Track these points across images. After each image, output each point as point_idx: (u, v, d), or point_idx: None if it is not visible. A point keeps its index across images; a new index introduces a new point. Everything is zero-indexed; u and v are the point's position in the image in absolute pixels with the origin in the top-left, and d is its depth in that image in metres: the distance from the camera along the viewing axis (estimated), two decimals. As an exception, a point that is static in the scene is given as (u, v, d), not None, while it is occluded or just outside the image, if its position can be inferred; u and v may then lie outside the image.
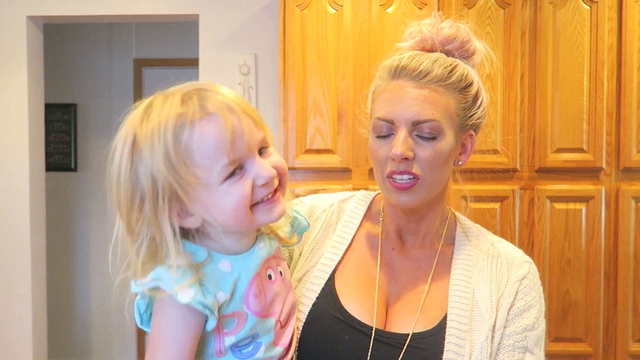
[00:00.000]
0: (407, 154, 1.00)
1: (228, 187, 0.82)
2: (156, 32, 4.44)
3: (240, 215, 0.83)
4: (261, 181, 0.83)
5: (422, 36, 1.09)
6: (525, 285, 1.06)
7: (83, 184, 4.53)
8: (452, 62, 1.05)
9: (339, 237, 1.14)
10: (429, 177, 1.03)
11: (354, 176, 2.71)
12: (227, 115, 0.81)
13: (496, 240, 1.14)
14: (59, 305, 4.42)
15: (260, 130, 0.85)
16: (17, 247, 3.35)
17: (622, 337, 2.65)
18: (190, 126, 0.80)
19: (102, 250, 4.55)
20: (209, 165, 0.80)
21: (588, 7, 2.64)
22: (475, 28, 1.12)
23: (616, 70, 2.64)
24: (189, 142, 0.80)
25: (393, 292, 1.08)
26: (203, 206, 0.83)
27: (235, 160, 0.81)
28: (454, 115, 1.04)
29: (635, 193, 2.63)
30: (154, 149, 0.81)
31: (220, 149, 0.80)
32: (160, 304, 0.84)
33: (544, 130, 2.66)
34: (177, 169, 0.80)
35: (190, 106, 0.81)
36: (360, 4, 2.71)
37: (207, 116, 0.80)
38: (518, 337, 1.02)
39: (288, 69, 2.73)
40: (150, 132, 0.81)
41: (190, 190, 0.82)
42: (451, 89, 1.03)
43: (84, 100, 4.51)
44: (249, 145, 0.82)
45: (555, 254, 2.66)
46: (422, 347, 1.00)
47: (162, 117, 0.81)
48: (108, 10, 3.28)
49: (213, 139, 0.80)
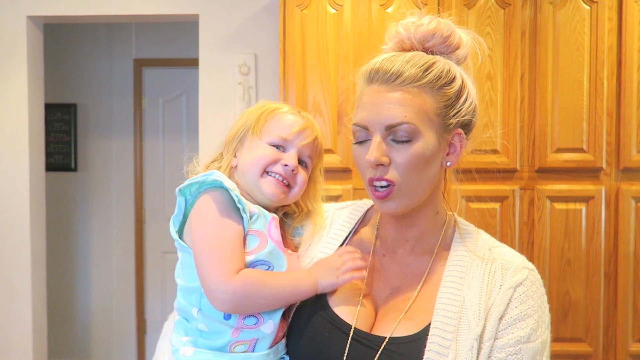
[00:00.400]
0: (381, 160, 0.99)
1: (266, 148, 1.12)
2: (156, 32, 4.44)
3: (255, 169, 1.11)
4: (284, 162, 1.11)
5: (399, 37, 1.08)
6: (521, 293, 1.00)
7: (83, 184, 4.54)
8: (429, 60, 1.02)
9: (332, 239, 1.15)
10: (406, 181, 1.00)
11: (354, 176, 2.71)
12: (308, 123, 1.16)
13: (496, 245, 1.09)
14: (59, 305, 4.43)
15: (311, 154, 1.16)
16: (17, 247, 3.35)
17: (622, 337, 2.65)
18: (287, 112, 1.16)
19: (102, 250, 4.55)
20: (275, 130, 1.13)
21: (588, 7, 2.64)
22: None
23: (616, 70, 2.64)
24: (279, 115, 1.15)
25: (383, 297, 1.07)
26: (248, 150, 1.13)
27: (286, 140, 1.13)
28: (432, 115, 1.00)
29: (635, 193, 2.63)
30: (260, 109, 1.16)
31: (287, 129, 1.13)
32: (203, 211, 1.05)
33: (544, 130, 2.66)
34: (260, 120, 1.13)
35: (295, 109, 1.18)
36: (360, 4, 2.71)
37: (300, 117, 1.16)
38: (511, 349, 0.96)
39: (288, 69, 2.73)
40: (264, 103, 1.18)
41: (254, 136, 1.13)
42: (427, 88, 1.00)
43: (84, 100, 4.51)
44: (299, 146, 1.13)
45: (555, 254, 2.66)
46: (400, 352, 0.97)
47: (278, 105, 1.18)
48: (108, 10, 3.28)
49: (290, 123, 1.14)
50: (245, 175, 1.12)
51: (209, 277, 1.00)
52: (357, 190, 2.68)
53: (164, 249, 4.46)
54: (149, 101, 4.54)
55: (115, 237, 4.55)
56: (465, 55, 1.07)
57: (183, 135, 4.50)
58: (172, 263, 4.39)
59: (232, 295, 0.99)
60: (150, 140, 4.54)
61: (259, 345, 1.04)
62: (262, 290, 1.00)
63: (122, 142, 4.52)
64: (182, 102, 4.50)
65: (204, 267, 1.01)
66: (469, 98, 1.04)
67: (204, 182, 1.06)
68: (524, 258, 1.08)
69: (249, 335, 1.03)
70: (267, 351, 1.04)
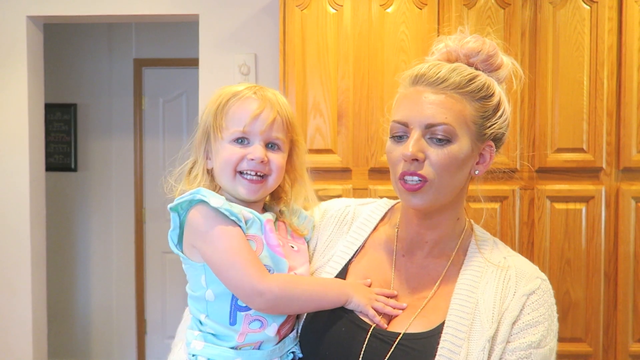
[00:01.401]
0: (418, 155, 1.04)
1: (229, 146, 1.10)
2: (156, 32, 4.44)
3: (225, 170, 1.11)
4: (250, 156, 1.09)
5: (447, 49, 1.12)
6: (534, 301, 1.05)
7: (83, 184, 4.54)
8: (473, 72, 1.08)
9: (353, 237, 1.19)
10: (439, 179, 1.05)
11: (354, 176, 2.71)
12: (263, 104, 1.10)
13: (511, 254, 1.14)
14: (59, 305, 4.42)
15: (277, 134, 1.11)
16: (17, 247, 3.35)
17: (622, 337, 2.65)
18: (239, 98, 1.12)
19: (102, 250, 4.55)
20: (231, 125, 1.10)
21: (588, 7, 2.64)
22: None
23: (616, 70, 2.64)
24: (232, 106, 1.11)
25: (401, 296, 1.11)
26: (215, 152, 1.12)
27: (245, 132, 1.10)
28: (470, 122, 1.06)
29: (635, 193, 2.63)
30: (216, 102, 1.13)
31: (242, 120, 1.10)
32: (203, 227, 1.06)
33: (544, 130, 2.66)
34: (217, 117, 1.11)
35: (250, 90, 1.13)
36: (360, 4, 2.71)
37: (253, 99, 1.11)
38: (522, 353, 1.01)
39: (288, 69, 2.73)
40: (219, 93, 1.15)
41: (215, 136, 1.11)
42: (469, 96, 1.06)
43: (84, 100, 4.51)
44: (262, 132, 1.10)
45: (555, 254, 2.66)
46: (414, 347, 1.02)
47: (231, 88, 1.14)
48: (108, 10, 3.28)
49: (244, 111, 1.10)
50: (221, 179, 1.13)
51: (241, 286, 1.03)
52: (357, 190, 2.68)
53: (164, 249, 4.45)
54: (149, 101, 4.54)
55: (115, 237, 4.55)
56: (505, 77, 1.13)
57: (183, 135, 4.50)
58: (172, 263, 4.42)
59: (270, 296, 1.03)
60: (150, 140, 4.54)
61: (264, 345, 1.08)
62: (296, 292, 1.05)
63: (122, 142, 4.52)
64: (182, 102, 4.50)
65: (232, 279, 1.04)
66: (504, 114, 1.11)
67: (192, 200, 1.08)
68: (537, 268, 1.13)
69: (254, 338, 1.07)
70: (272, 347, 1.08)
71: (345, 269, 1.15)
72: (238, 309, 1.07)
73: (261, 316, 1.06)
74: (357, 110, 2.71)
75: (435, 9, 2.66)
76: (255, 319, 1.06)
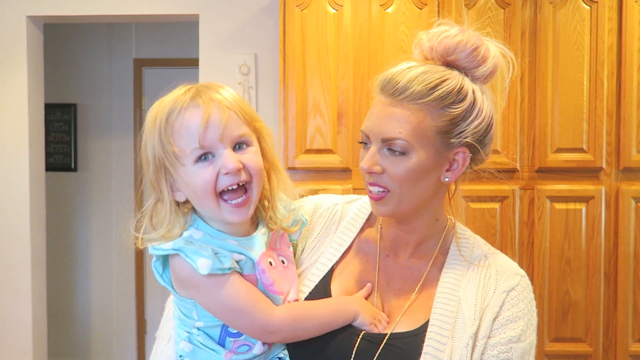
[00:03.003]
0: (373, 169, 1.05)
1: (197, 169, 0.95)
2: (156, 32, 4.44)
3: (207, 198, 0.96)
4: (224, 170, 0.94)
5: (421, 47, 1.09)
6: (514, 297, 1.07)
7: (83, 184, 4.53)
8: (441, 77, 1.03)
9: (340, 238, 1.18)
10: (399, 190, 1.05)
11: (354, 176, 2.71)
12: (209, 108, 0.94)
13: (491, 252, 1.15)
14: (59, 305, 4.42)
15: (238, 132, 0.96)
16: (17, 247, 3.35)
17: (622, 337, 2.65)
18: (179, 111, 0.95)
19: (102, 250, 4.55)
20: (185, 145, 0.94)
21: (588, 7, 2.64)
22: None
23: (616, 70, 2.64)
24: (175, 123, 0.95)
25: (385, 297, 1.12)
26: (183, 182, 0.97)
27: (205, 146, 0.94)
28: (431, 133, 1.03)
29: (635, 193, 2.63)
30: (154, 126, 0.97)
31: (194, 134, 0.94)
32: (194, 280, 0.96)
33: (544, 130, 2.66)
34: (164, 144, 0.95)
35: (186, 96, 0.96)
36: (360, 4, 2.71)
37: (194, 106, 0.95)
38: (502, 347, 1.03)
39: (288, 69, 2.73)
40: (155, 112, 0.98)
41: (174, 165, 0.96)
42: (430, 106, 1.02)
43: (84, 100, 4.51)
44: (222, 137, 0.95)
45: (555, 254, 2.66)
46: (400, 347, 1.03)
47: (166, 102, 0.97)
48: (108, 10, 3.28)
49: (191, 124, 0.94)
50: (203, 209, 0.99)
51: (251, 331, 1.00)
52: (357, 190, 2.68)
53: (164, 249, 4.45)
54: (149, 101, 4.53)
55: (115, 237, 4.55)
56: (490, 72, 1.07)
57: (183, 135, 4.49)
58: (172, 263, 4.42)
59: (281, 333, 1.00)
60: (150, 140, 4.53)
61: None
62: (305, 322, 1.02)
63: (122, 142, 4.52)
64: (182, 102, 4.49)
65: (239, 326, 1.00)
66: (477, 118, 1.06)
67: (168, 256, 0.98)
68: (517, 265, 1.14)
69: (241, 358, 1.03)
70: (258, 357, 1.05)
71: (331, 271, 1.14)
72: (228, 335, 1.03)
73: (249, 341, 1.03)
74: (357, 110, 2.71)
75: (435, 9, 2.66)
76: (243, 343, 1.03)
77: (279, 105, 2.75)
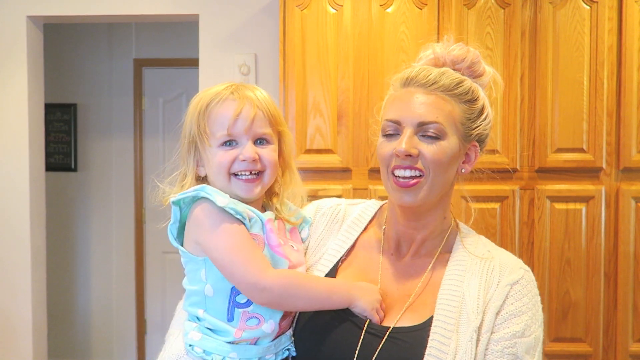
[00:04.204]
0: (411, 151, 1.08)
1: (219, 151, 1.11)
2: (156, 32, 4.44)
3: (220, 175, 1.11)
4: (242, 157, 1.10)
5: (434, 55, 1.18)
6: (517, 291, 1.08)
7: (83, 184, 4.54)
8: (459, 76, 1.14)
9: (343, 236, 1.22)
10: (432, 174, 1.09)
11: (354, 176, 2.71)
12: (242, 103, 1.11)
13: (495, 248, 1.17)
14: (59, 305, 4.42)
15: (263, 129, 1.12)
16: (17, 247, 3.35)
17: (622, 337, 2.65)
18: (218, 101, 1.12)
19: (102, 250, 4.55)
20: (216, 130, 1.11)
21: (588, 7, 2.64)
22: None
23: (616, 70, 2.64)
24: (212, 110, 1.12)
25: (389, 293, 1.15)
26: (207, 159, 1.12)
27: (231, 134, 1.10)
28: (458, 122, 1.12)
29: (635, 193, 2.63)
30: (196, 109, 1.13)
31: (225, 122, 1.10)
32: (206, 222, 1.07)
33: (544, 130, 2.66)
34: (200, 125, 1.12)
35: (227, 90, 1.13)
36: (360, 4, 2.71)
37: (231, 100, 1.11)
38: (507, 343, 1.04)
39: (288, 69, 2.73)
40: (199, 98, 1.15)
41: (203, 144, 1.12)
42: (457, 98, 1.12)
43: (84, 100, 4.51)
44: (247, 130, 1.10)
45: (555, 254, 2.66)
46: (405, 340, 1.06)
47: (210, 92, 1.14)
48: (108, 10, 3.28)
49: (225, 114, 1.11)
50: (216, 184, 1.12)
51: (245, 281, 1.05)
52: (357, 190, 2.68)
53: (164, 249, 4.45)
54: (149, 101, 4.54)
55: (115, 237, 4.55)
56: (487, 83, 1.19)
57: (183, 135, 4.49)
58: (172, 263, 4.42)
59: (273, 292, 1.05)
60: (150, 140, 4.54)
61: (260, 341, 1.10)
62: (299, 290, 1.07)
63: (122, 142, 4.52)
64: (182, 102, 4.49)
65: (235, 275, 1.05)
66: (488, 117, 1.17)
67: (196, 196, 1.09)
68: (521, 261, 1.16)
69: (251, 334, 1.08)
70: (268, 344, 1.10)
71: (335, 268, 1.18)
72: (236, 306, 1.08)
73: (258, 313, 1.08)
74: (357, 110, 2.71)
75: (435, 9, 2.66)
76: (252, 316, 1.08)
77: (279, 105, 2.75)
